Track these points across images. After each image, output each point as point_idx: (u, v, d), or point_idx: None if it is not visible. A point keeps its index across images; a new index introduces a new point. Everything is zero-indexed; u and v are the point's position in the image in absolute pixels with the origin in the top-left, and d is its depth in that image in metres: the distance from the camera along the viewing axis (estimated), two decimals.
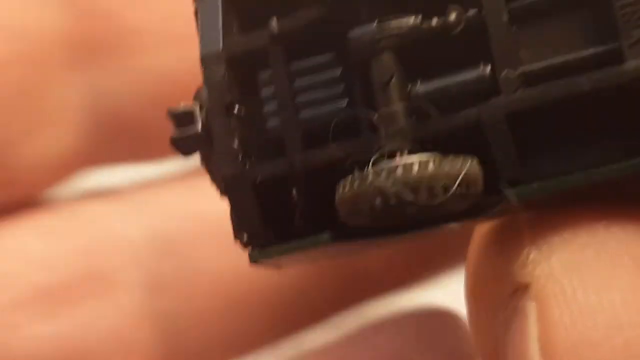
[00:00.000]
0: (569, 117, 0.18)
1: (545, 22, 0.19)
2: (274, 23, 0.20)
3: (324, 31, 0.20)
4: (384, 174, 0.18)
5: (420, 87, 0.19)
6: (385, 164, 0.19)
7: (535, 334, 0.18)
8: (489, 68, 0.19)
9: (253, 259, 0.20)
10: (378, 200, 0.18)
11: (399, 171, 0.18)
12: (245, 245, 0.20)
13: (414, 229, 0.19)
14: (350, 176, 0.19)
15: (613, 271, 0.18)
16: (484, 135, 0.19)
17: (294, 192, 0.20)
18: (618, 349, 0.17)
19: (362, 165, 0.19)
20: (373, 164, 0.19)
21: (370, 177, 0.18)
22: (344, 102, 0.20)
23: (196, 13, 0.21)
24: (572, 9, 0.18)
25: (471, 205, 0.19)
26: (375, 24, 0.19)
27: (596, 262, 0.18)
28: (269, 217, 0.20)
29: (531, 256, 0.19)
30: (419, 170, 0.18)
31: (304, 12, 0.20)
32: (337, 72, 0.20)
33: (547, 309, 0.18)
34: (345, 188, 0.19)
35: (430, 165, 0.18)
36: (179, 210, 0.31)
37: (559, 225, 0.19)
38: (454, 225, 0.20)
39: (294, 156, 0.20)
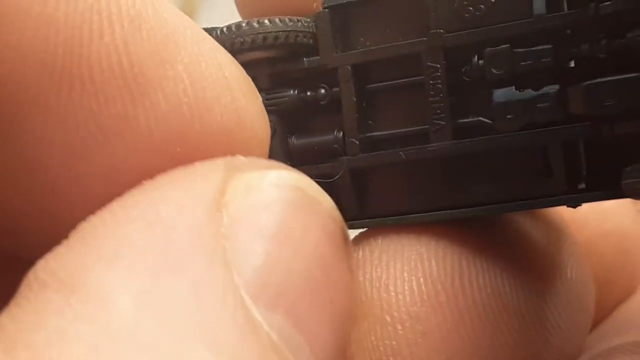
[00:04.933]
0: (392, 176, 0.25)
1: (387, 103, 0.25)
2: None
3: None
4: None
5: (295, 141, 0.26)
6: None
7: None
8: (341, 133, 0.25)
9: None
10: None
11: None
12: None
13: None
14: None
15: (379, 266, 0.25)
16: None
17: None
18: (377, 319, 0.24)
19: None
20: None
21: None
22: None
23: None
24: (405, 95, 0.25)
25: None
26: (264, 94, 0.26)
27: (378, 260, 0.25)
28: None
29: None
30: None
31: None
32: None
33: None
34: None
35: None
36: None
37: (370, 234, 0.26)
38: None
39: None
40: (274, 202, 0.19)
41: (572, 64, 0.23)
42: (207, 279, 0.17)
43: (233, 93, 0.20)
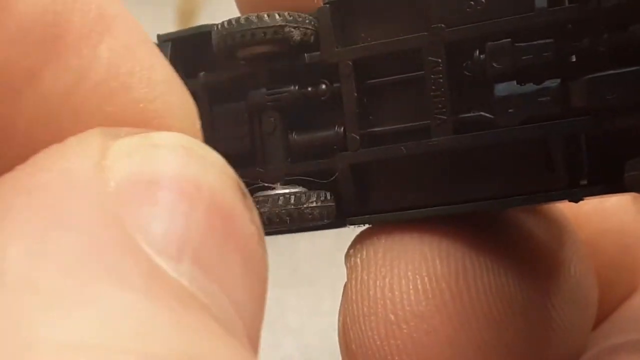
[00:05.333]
0: (393, 171, 0.25)
1: (388, 98, 0.25)
2: (201, 75, 0.27)
3: (236, 86, 0.27)
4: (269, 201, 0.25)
5: (296, 137, 0.26)
6: (266, 193, 0.25)
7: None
8: (342, 129, 0.25)
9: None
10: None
11: (278, 199, 0.25)
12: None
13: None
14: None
15: (383, 265, 0.25)
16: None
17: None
18: (381, 318, 0.24)
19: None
20: (258, 191, 0.26)
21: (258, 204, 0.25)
22: (247, 140, 0.27)
23: None
24: (406, 90, 0.25)
25: (334, 221, 0.26)
26: (264, 89, 0.26)
27: (382, 260, 0.25)
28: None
29: (350, 252, 0.26)
30: (288, 200, 0.25)
31: (223, 72, 0.27)
32: (245, 116, 0.27)
33: (348, 289, 0.26)
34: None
35: (300, 198, 0.25)
36: None
37: (374, 234, 0.26)
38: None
39: None
40: (161, 160, 0.18)
41: (574, 58, 0.23)
42: (100, 230, 0.17)
43: (151, 94, 0.20)
